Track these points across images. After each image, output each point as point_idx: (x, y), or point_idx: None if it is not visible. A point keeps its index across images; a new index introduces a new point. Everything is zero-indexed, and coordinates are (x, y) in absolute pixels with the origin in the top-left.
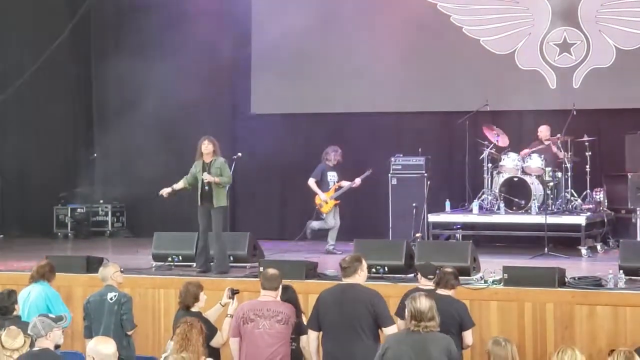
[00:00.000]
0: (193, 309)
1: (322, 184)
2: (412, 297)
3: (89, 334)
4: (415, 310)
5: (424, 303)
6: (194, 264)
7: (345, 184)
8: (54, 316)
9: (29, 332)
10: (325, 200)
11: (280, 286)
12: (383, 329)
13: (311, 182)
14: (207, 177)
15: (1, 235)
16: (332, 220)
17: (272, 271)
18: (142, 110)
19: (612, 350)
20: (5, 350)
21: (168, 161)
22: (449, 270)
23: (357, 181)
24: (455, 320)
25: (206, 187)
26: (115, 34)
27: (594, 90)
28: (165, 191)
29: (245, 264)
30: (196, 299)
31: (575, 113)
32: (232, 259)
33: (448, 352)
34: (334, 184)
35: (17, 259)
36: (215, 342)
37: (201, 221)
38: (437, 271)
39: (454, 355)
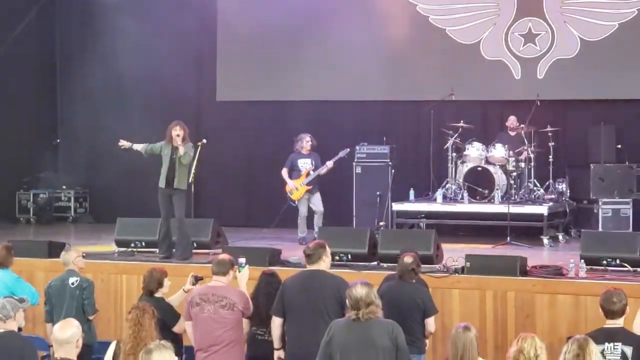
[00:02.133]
0: (156, 295)
1: (294, 172)
2: (350, 286)
3: (50, 318)
4: (352, 299)
5: (359, 291)
6: (157, 250)
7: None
8: (17, 297)
9: None
10: (294, 187)
11: (231, 271)
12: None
13: (283, 172)
14: (124, 143)
15: None
16: (303, 208)
17: (221, 256)
18: (106, 96)
19: (569, 337)
20: None
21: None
22: (409, 261)
23: (329, 164)
24: (418, 307)
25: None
26: (81, 16)
27: (558, 81)
28: (124, 142)
29: (208, 250)
30: (160, 284)
31: (539, 103)
32: (195, 245)
33: (392, 337)
34: (306, 169)
35: None
36: (177, 328)
37: (163, 206)
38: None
39: (400, 339)
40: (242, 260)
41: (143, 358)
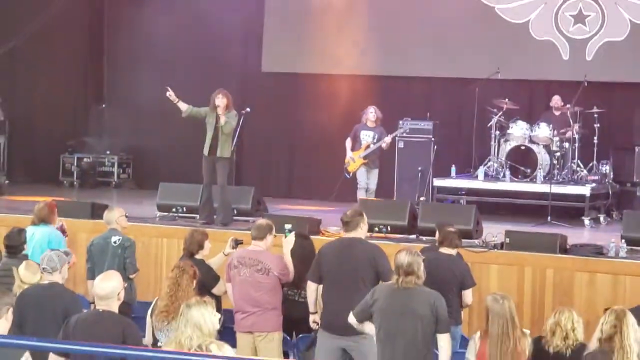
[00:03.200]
0: (197, 257)
1: (357, 144)
2: (397, 253)
3: (92, 276)
4: (395, 264)
5: (402, 258)
6: (198, 216)
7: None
8: (63, 250)
9: (45, 265)
10: (351, 157)
11: (269, 236)
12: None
13: (346, 141)
14: (170, 92)
15: (7, 181)
16: (363, 180)
17: (260, 221)
18: (153, 62)
19: (607, 309)
20: (23, 285)
21: (177, 115)
22: (452, 230)
23: (387, 139)
24: (456, 279)
25: (213, 138)
26: None
27: (607, 63)
28: (172, 93)
29: (248, 217)
30: (200, 246)
31: (586, 85)
32: (235, 212)
33: (433, 307)
34: (366, 142)
35: (23, 203)
36: (216, 289)
37: (206, 173)
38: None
39: (441, 311)
40: (289, 226)
41: (184, 312)
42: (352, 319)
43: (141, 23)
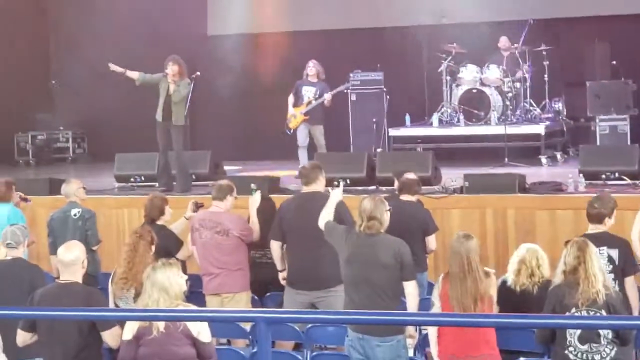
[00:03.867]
0: (158, 222)
1: (297, 99)
2: (362, 199)
3: (54, 250)
4: (359, 211)
5: (364, 203)
6: (157, 184)
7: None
8: (22, 224)
9: (9, 240)
10: (292, 114)
11: (229, 197)
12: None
13: (289, 98)
14: (114, 67)
15: None
16: (301, 137)
17: (221, 181)
18: (99, 34)
19: (568, 241)
20: None
21: (128, 85)
22: (412, 177)
23: (327, 96)
24: (419, 225)
25: (165, 105)
26: None
27: None
28: (115, 66)
29: (207, 182)
30: (161, 211)
31: (532, 22)
32: (194, 177)
33: (398, 255)
34: (308, 98)
35: None
36: (181, 254)
37: (160, 139)
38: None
39: (405, 259)
40: (254, 185)
41: (150, 275)
42: (321, 223)
43: None
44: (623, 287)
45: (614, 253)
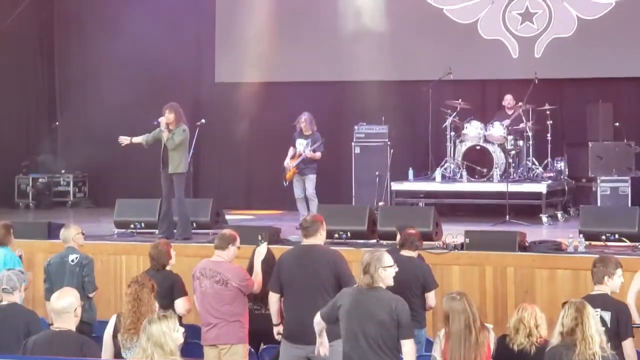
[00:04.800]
0: (168, 267)
1: (295, 151)
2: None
3: (50, 296)
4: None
5: (364, 256)
6: (157, 231)
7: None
8: (19, 269)
9: (5, 285)
10: (287, 166)
11: (231, 246)
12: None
13: (290, 150)
14: (123, 139)
15: None
16: (297, 190)
17: (224, 231)
18: (105, 79)
19: (565, 302)
20: None
21: (131, 131)
22: (413, 231)
23: (307, 152)
24: (418, 281)
25: (163, 153)
26: (79, 2)
27: (556, 59)
28: (123, 138)
29: (208, 230)
30: (169, 256)
31: (537, 82)
32: (194, 225)
33: (394, 313)
34: (299, 151)
35: None
36: (182, 307)
37: (164, 186)
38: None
39: (403, 316)
40: (261, 236)
41: (145, 328)
42: (318, 318)
43: (92, 40)
44: (616, 351)
45: (607, 315)
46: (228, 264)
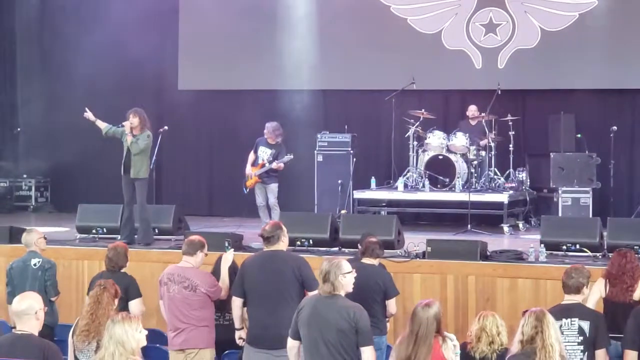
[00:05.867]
0: (124, 270)
1: (256, 158)
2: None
3: (12, 300)
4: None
5: (322, 265)
6: (119, 236)
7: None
8: None
9: None
10: (249, 173)
11: (200, 252)
12: (309, 293)
13: (250, 155)
14: (88, 113)
15: None
16: (259, 198)
17: (192, 237)
18: (67, 84)
19: (525, 311)
20: None
21: (94, 136)
22: (374, 239)
23: (274, 165)
24: (379, 288)
25: (126, 157)
26: (40, 5)
27: (519, 70)
28: (89, 114)
29: (170, 236)
30: (127, 258)
31: (499, 93)
32: (157, 231)
33: (352, 320)
34: (262, 160)
35: None
36: (137, 308)
37: (125, 192)
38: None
39: (361, 324)
40: (227, 243)
41: (109, 327)
42: (290, 343)
43: (54, 44)
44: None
45: (585, 325)
46: (196, 270)
